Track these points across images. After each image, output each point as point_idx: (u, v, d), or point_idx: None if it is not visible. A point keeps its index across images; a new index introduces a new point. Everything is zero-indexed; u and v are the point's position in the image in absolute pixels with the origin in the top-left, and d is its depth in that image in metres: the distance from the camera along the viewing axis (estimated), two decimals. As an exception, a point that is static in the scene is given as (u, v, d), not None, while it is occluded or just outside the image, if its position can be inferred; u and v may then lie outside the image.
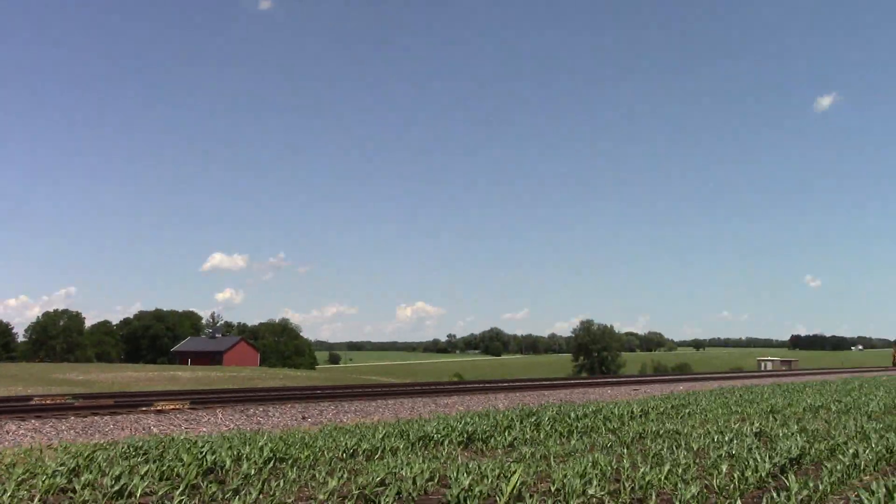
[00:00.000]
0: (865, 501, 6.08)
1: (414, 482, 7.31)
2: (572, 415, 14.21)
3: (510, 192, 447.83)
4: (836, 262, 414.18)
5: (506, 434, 11.67)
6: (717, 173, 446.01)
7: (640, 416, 15.00)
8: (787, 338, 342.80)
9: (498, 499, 6.59)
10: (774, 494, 6.43)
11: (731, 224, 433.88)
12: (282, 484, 7.34)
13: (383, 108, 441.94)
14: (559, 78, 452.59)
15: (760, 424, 12.87)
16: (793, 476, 7.42)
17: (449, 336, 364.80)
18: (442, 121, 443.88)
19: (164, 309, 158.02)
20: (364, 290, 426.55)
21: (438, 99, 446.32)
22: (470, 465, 8.26)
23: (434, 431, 11.60)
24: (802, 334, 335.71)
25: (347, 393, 24.12)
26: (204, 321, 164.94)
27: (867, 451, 9.24)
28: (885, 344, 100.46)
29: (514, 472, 7.47)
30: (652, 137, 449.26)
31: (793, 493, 6.50)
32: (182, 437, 10.72)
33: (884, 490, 6.48)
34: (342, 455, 9.58)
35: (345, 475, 7.85)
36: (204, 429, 14.19)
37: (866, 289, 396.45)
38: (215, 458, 8.51)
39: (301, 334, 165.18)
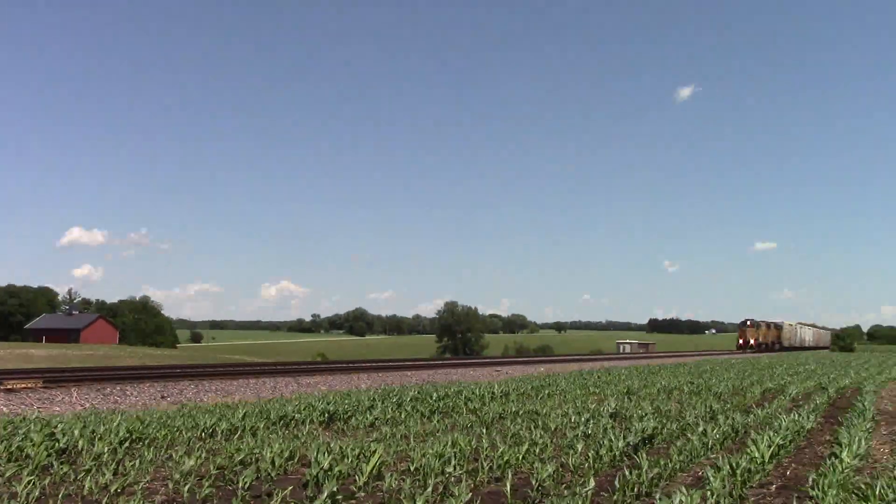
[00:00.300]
0: (711, 478, 6.33)
1: (273, 462, 7.28)
2: (434, 395, 14.35)
3: (375, 171, 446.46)
4: (693, 248, 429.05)
5: (367, 414, 11.71)
6: (581, 161, 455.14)
7: (501, 396, 15.25)
8: (645, 321, 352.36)
9: (358, 478, 6.61)
10: (627, 473, 6.63)
11: (593, 210, 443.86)
12: (137, 464, 7.20)
13: (242, 78, 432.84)
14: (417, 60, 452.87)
15: (616, 405, 13.25)
16: (644, 455, 7.67)
17: (313, 316, 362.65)
18: (307, 95, 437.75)
19: (18, 284, 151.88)
20: (228, 268, 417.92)
21: (300, 75, 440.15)
22: (331, 445, 8.27)
23: (295, 411, 11.57)
24: (660, 318, 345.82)
25: (208, 372, 23.80)
26: (60, 298, 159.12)
27: (715, 431, 9.62)
28: (736, 328, 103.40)
29: (375, 452, 7.50)
30: (519, 123, 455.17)
31: (644, 471, 6.72)
32: (34, 417, 10.35)
33: (728, 467, 6.76)
34: (201, 435, 9.46)
35: (203, 455, 7.75)
36: (58, 408, 13.79)
37: (720, 274, 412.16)
38: (68, 439, 8.28)
39: (162, 312, 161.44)
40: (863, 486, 6.17)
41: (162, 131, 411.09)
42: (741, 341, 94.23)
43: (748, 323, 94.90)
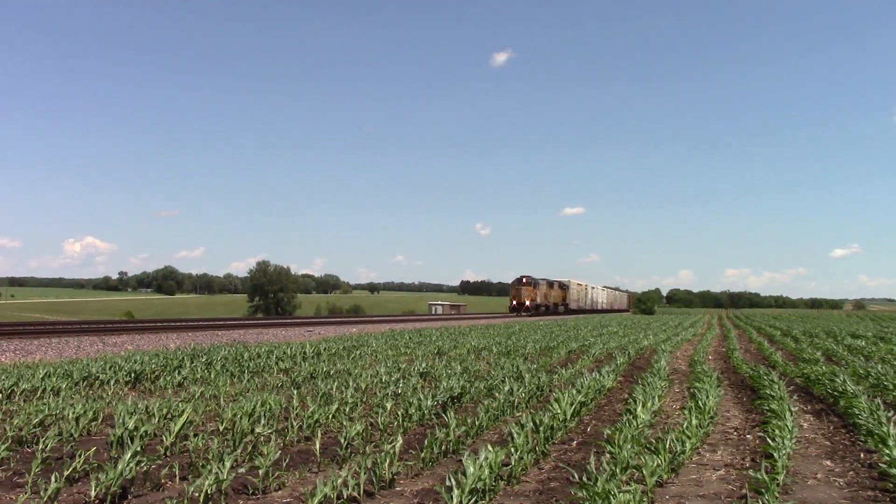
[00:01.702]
0: (515, 435, 6.54)
1: (76, 422, 7.07)
2: (245, 355, 14.21)
3: (186, 125, 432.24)
4: (505, 212, 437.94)
5: (176, 374, 11.51)
6: (398, 122, 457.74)
7: (313, 356, 15.24)
8: (457, 283, 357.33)
9: (165, 438, 6.50)
10: (435, 431, 6.77)
11: (407, 171, 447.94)
12: (-76, 427, 6.84)
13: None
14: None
15: (426, 365, 13.46)
16: (452, 413, 7.85)
17: (120, 273, 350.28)
18: (98, 35, 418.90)
19: None
20: (28, 221, 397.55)
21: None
22: (137, 405, 8.09)
23: (100, 371, 11.26)
24: (471, 279, 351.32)
25: (6, 331, 22.72)
26: None
27: (520, 390, 9.94)
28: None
29: (183, 412, 7.39)
30: (336, 84, 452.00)
31: (451, 429, 6.88)
32: None
33: (531, 424, 7.00)
34: (-3, 397, 9.07)
35: (-1, 417, 7.45)
36: None
37: (531, 237, 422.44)
38: None
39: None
40: (654, 440, 6.53)
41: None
42: (514, 303, 73.26)
43: (523, 280, 73.94)
